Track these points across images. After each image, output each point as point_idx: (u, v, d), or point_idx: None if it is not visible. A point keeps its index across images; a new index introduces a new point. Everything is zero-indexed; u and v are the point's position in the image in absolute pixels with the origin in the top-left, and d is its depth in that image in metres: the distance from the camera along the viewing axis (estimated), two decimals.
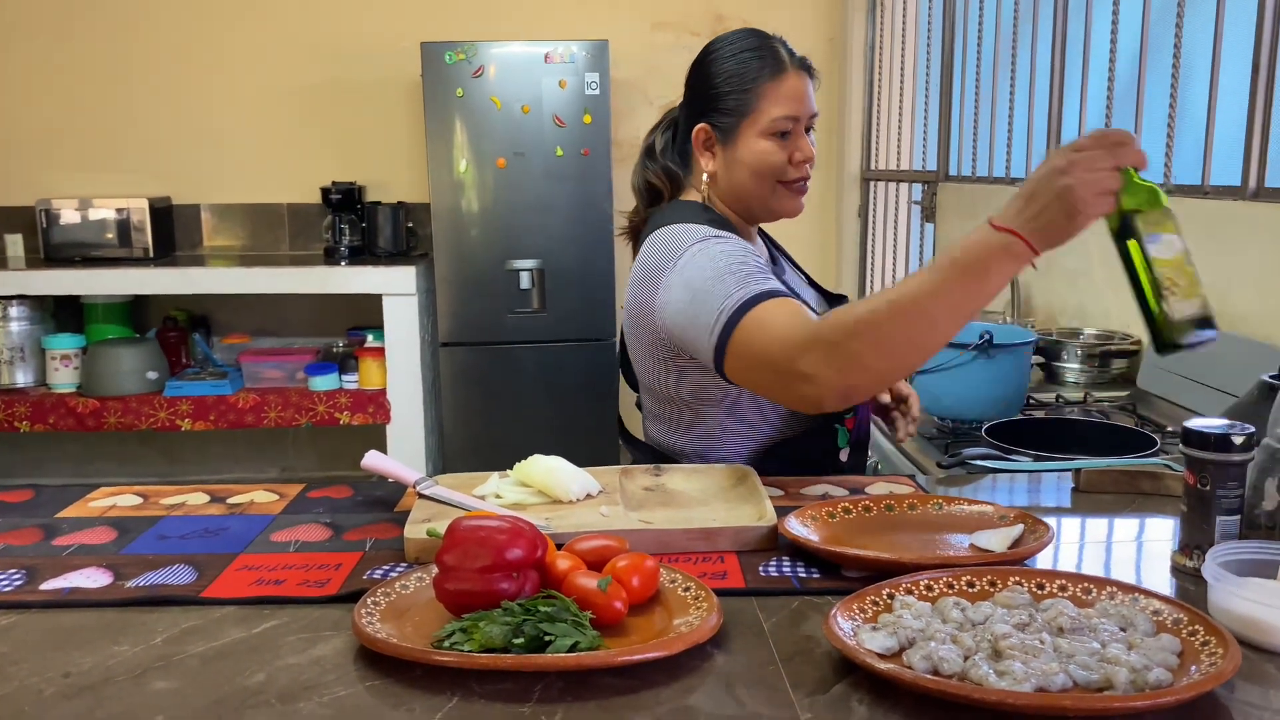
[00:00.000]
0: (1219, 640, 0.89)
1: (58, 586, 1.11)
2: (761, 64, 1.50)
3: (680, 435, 1.59)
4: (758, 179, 1.53)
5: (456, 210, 4.02)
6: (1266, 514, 1.14)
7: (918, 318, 1.16)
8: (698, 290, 1.39)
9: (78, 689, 0.90)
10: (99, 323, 4.19)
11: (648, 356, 1.55)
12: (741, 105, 1.51)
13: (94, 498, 1.43)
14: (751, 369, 1.32)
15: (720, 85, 1.52)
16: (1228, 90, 2.20)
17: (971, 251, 1.14)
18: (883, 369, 1.22)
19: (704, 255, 1.42)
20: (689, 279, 1.41)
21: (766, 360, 1.29)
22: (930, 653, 0.88)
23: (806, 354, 1.22)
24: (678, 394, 1.55)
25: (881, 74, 4.30)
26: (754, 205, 1.56)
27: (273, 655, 0.96)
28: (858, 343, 1.19)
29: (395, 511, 1.36)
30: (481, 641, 0.92)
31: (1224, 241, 2.11)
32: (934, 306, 1.16)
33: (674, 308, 1.43)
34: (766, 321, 1.30)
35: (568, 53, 3.94)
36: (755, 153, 1.51)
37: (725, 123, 1.52)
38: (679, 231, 1.48)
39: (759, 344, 1.29)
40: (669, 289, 1.44)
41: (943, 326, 1.17)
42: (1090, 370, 2.40)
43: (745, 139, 1.52)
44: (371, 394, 4.06)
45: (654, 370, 1.56)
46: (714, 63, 1.53)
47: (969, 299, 1.15)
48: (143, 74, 4.36)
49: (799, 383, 1.24)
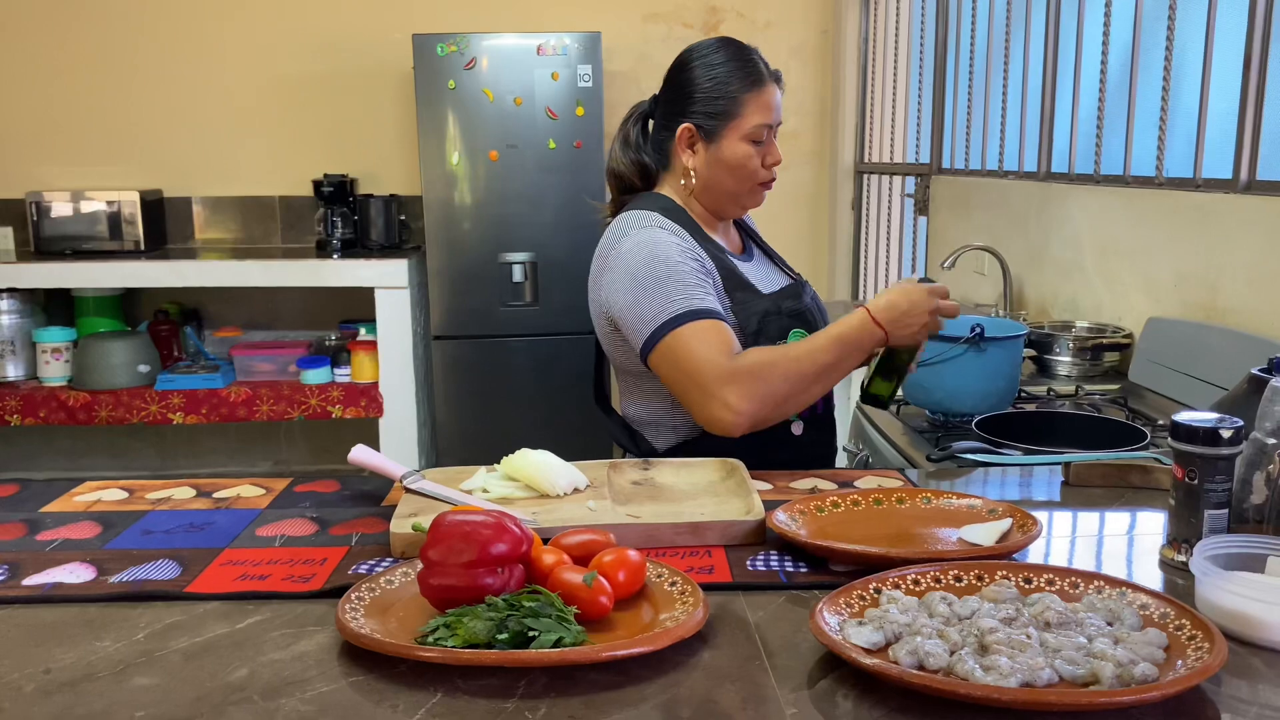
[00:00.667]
0: (1205, 635, 0.89)
1: (40, 582, 1.10)
2: (745, 74, 1.62)
3: (639, 405, 1.69)
4: (736, 178, 1.64)
5: (449, 203, 4.00)
6: (1255, 508, 1.14)
7: (814, 371, 1.48)
8: (640, 282, 1.54)
9: (58, 685, 0.89)
10: (90, 316, 4.17)
11: (600, 329, 1.67)
12: (727, 109, 1.61)
13: (79, 492, 1.42)
14: (674, 376, 1.51)
15: (709, 89, 1.62)
16: (1219, 83, 2.20)
17: (853, 333, 1.50)
18: (786, 409, 1.50)
19: (648, 249, 1.55)
20: (633, 268, 1.55)
21: (692, 375, 1.47)
22: (916, 648, 0.88)
23: (731, 385, 1.44)
24: (627, 365, 1.65)
25: (875, 66, 4.29)
26: (725, 200, 1.68)
27: (256, 651, 0.95)
28: (775, 383, 1.46)
29: (382, 506, 1.35)
30: (465, 637, 0.91)
31: (1215, 234, 2.11)
32: (827, 364, 1.49)
33: (616, 291, 1.57)
34: (701, 338, 1.48)
35: (560, 45, 3.92)
36: (737, 155, 1.63)
37: (710, 124, 1.62)
38: (631, 218, 1.61)
39: (687, 357, 1.48)
40: (612, 270, 1.58)
41: (825, 381, 1.51)
42: (1082, 363, 2.40)
43: (728, 141, 1.62)
44: (364, 387, 4.05)
45: (606, 343, 1.68)
46: (700, 67, 1.63)
47: (844, 366, 1.52)
48: (134, 66, 4.34)
49: (719, 408, 1.45)
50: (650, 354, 1.52)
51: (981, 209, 3.31)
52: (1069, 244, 2.70)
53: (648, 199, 1.67)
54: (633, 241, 1.57)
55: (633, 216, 1.62)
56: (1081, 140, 2.79)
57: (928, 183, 3.80)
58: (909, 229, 4.09)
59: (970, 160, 3.50)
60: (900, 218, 4.16)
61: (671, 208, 1.64)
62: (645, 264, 1.54)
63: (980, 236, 3.17)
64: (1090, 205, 2.60)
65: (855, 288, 4.52)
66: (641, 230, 1.58)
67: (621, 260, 1.57)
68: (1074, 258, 2.67)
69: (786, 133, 4.44)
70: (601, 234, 1.68)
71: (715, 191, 1.66)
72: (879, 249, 4.32)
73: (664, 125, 1.68)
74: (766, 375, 1.45)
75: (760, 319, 1.61)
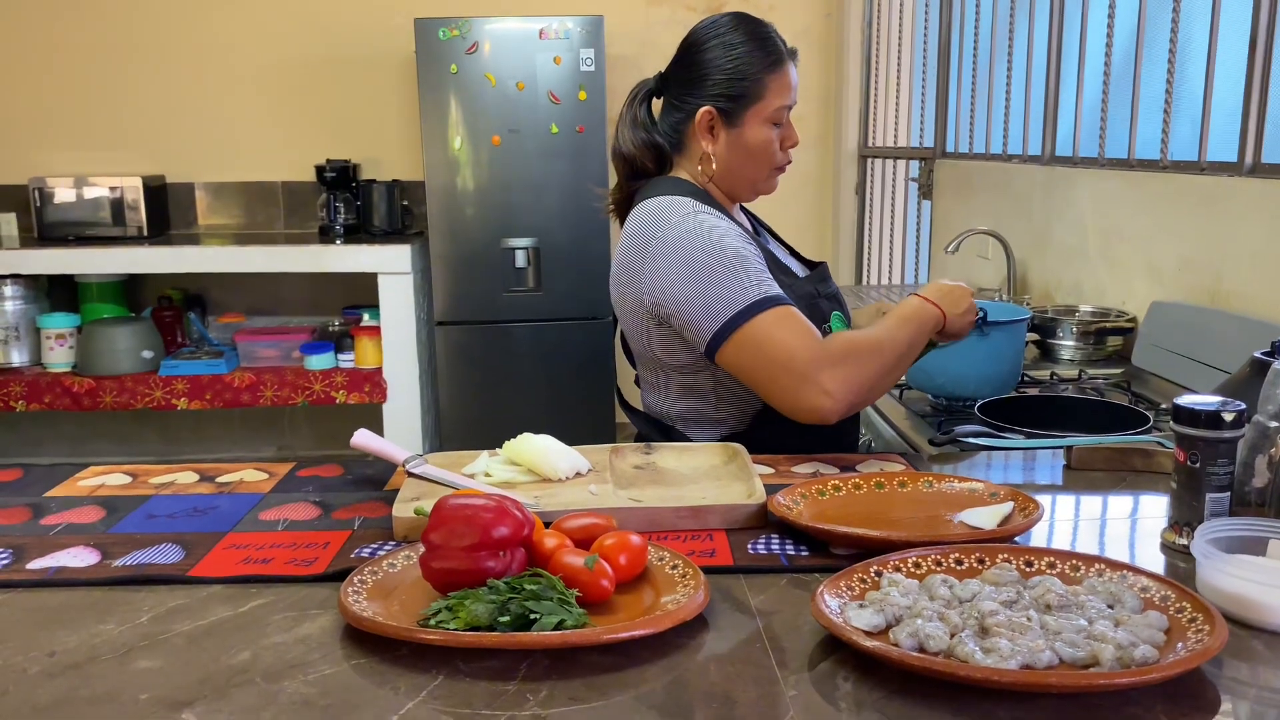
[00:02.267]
0: (1206, 617, 0.89)
1: (44, 566, 1.11)
2: (765, 54, 1.56)
3: (675, 401, 1.62)
4: (757, 163, 1.59)
5: (451, 188, 4.00)
6: (1256, 491, 1.14)
7: (896, 355, 1.46)
8: (701, 272, 1.45)
9: (63, 668, 0.90)
10: (94, 302, 4.18)
11: (635, 323, 1.59)
12: (749, 91, 1.55)
13: (82, 477, 1.42)
14: (758, 364, 1.42)
15: (730, 71, 1.55)
16: (1225, 67, 2.18)
17: (915, 314, 1.50)
18: (874, 394, 1.46)
19: (704, 236, 1.47)
20: (689, 257, 1.46)
21: (783, 363, 1.40)
22: (916, 630, 0.88)
23: (828, 370, 1.39)
24: (666, 360, 1.58)
25: (879, 50, 4.27)
26: (742, 185, 1.63)
27: (259, 634, 0.95)
28: (869, 368, 1.42)
29: (385, 490, 1.36)
30: (467, 620, 0.92)
31: (1220, 218, 2.10)
32: (904, 348, 1.47)
33: (670, 283, 1.47)
34: (785, 325, 1.41)
35: (562, 28, 3.91)
36: (759, 139, 1.57)
37: (731, 107, 1.56)
38: (666, 204, 1.53)
39: (776, 345, 1.40)
40: (658, 258, 1.49)
41: (904, 365, 1.49)
42: (1085, 347, 2.39)
43: (750, 125, 1.57)
44: (367, 373, 4.05)
45: (641, 337, 1.59)
46: (719, 47, 1.56)
47: (914, 348, 1.50)
48: (137, 52, 4.33)
49: (816, 394, 1.39)
50: (724, 345, 1.43)
51: (985, 193, 3.29)
52: (1073, 228, 2.69)
53: (667, 184, 1.59)
54: (681, 230, 1.48)
55: (666, 203, 1.53)
56: (1086, 123, 2.78)
57: (931, 167, 3.78)
58: (913, 213, 4.08)
59: (974, 144, 3.49)
60: (904, 202, 4.14)
61: (697, 193, 1.57)
62: (704, 252, 1.46)
63: (984, 220, 3.16)
64: (1094, 189, 2.59)
65: (859, 272, 4.51)
66: (686, 217, 1.49)
67: (672, 249, 1.48)
68: (1078, 242, 2.67)
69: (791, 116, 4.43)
70: (608, 220, 1.65)
71: (734, 176, 1.60)
72: (883, 233, 4.31)
73: (678, 106, 1.60)
74: (860, 359, 1.41)
75: (808, 303, 1.56)
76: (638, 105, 1.64)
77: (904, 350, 1.47)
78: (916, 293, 1.53)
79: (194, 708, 0.83)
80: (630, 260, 1.54)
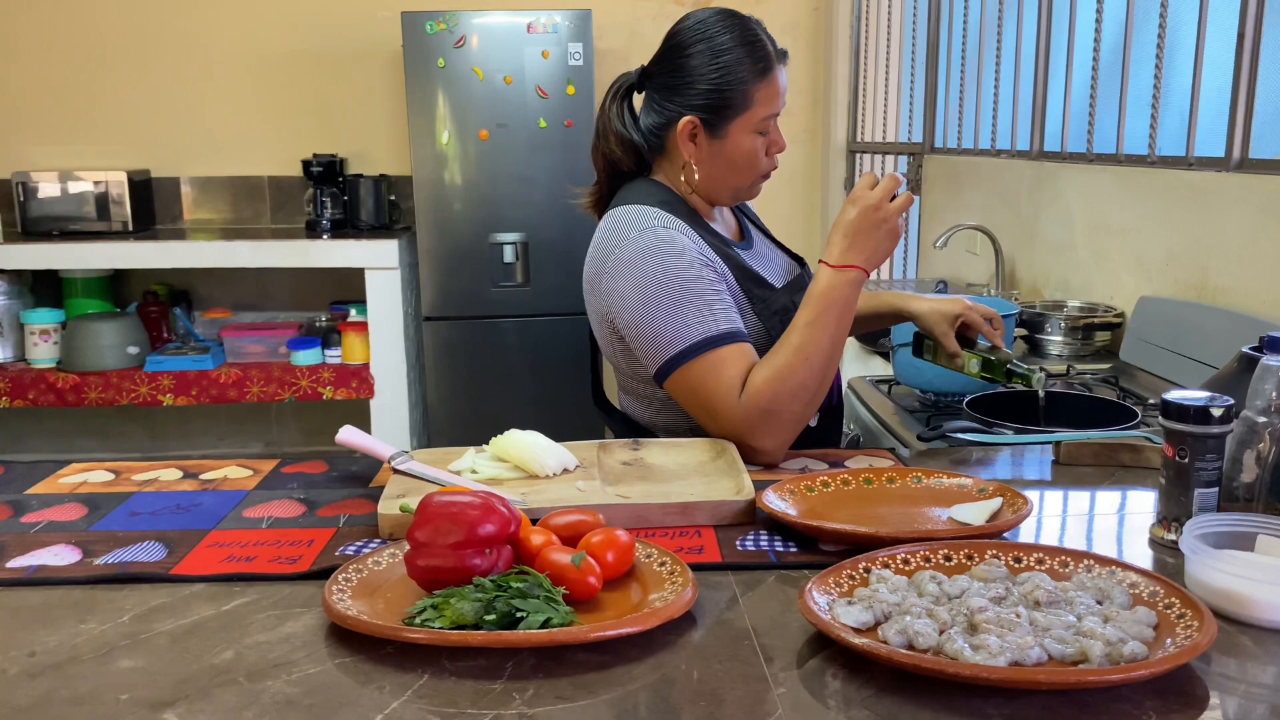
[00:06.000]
0: (1195, 613, 0.89)
1: (25, 564, 1.09)
2: (753, 61, 1.49)
3: (649, 408, 1.62)
4: (740, 173, 1.55)
5: (439, 183, 3.98)
6: (1245, 486, 1.14)
7: (820, 358, 1.40)
8: (651, 300, 1.44)
9: (43, 668, 0.89)
10: (78, 297, 4.15)
11: (600, 331, 1.59)
12: (735, 103, 1.50)
13: (64, 474, 1.41)
14: (694, 407, 1.46)
15: (716, 81, 1.49)
16: (1212, 62, 2.19)
17: (831, 293, 1.40)
18: (808, 414, 1.43)
19: (657, 259, 1.45)
20: (642, 282, 1.45)
21: (713, 415, 1.42)
22: (905, 627, 0.88)
23: (752, 430, 1.39)
24: (636, 371, 1.57)
25: (867, 45, 4.27)
26: (724, 194, 1.59)
27: (242, 633, 0.94)
28: (793, 404, 1.39)
29: (370, 487, 1.35)
30: (453, 618, 0.91)
31: (1207, 213, 2.10)
32: (827, 344, 1.40)
33: (623, 304, 1.48)
34: (717, 374, 1.41)
35: (550, 22, 3.89)
36: (744, 150, 1.53)
37: (714, 119, 1.51)
38: (632, 215, 1.50)
39: (706, 395, 1.42)
40: (616, 277, 1.48)
41: (835, 358, 1.42)
42: (1073, 343, 2.40)
43: (735, 135, 1.52)
44: (355, 369, 4.04)
45: (607, 347, 1.59)
46: (704, 54, 1.49)
47: (843, 329, 1.42)
48: (122, 45, 4.30)
49: (751, 453, 1.40)
50: (666, 380, 1.45)
51: (974, 188, 3.30)
52: (1061, 223, 2.69)
53: (641, 189, 1.55)
54: (637, 247, 1.45)
55: (631, 213, 1.50)
56: (1074, 119, 2.78)
57: (920, 162, 3.78)
58: None
59: (963, 139, 3.49)
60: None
61: (670, 199, 1.53)
62: (656, 279, 1.43)
63: (973, 215, 3.16)
64: (1082, 184, 2.60)
65: None
66: (645, 233, 1.46)
67: (628, 269, 1.46)
68: (1066, 237, 2.67)
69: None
70: (590, 219, 1.63)
71: (716, 185, 1.56)
72: None
73: (659, 110, 1.55)
74: (782, 403, 1.38)
75: (781, 316, 1.53)
76: (619, 100, 1.58)
77: (829, 346, 1.40)
78: (823, 258, 1.41)
79: (176, 708, 0.82)
80: (592, 272, 1.54)
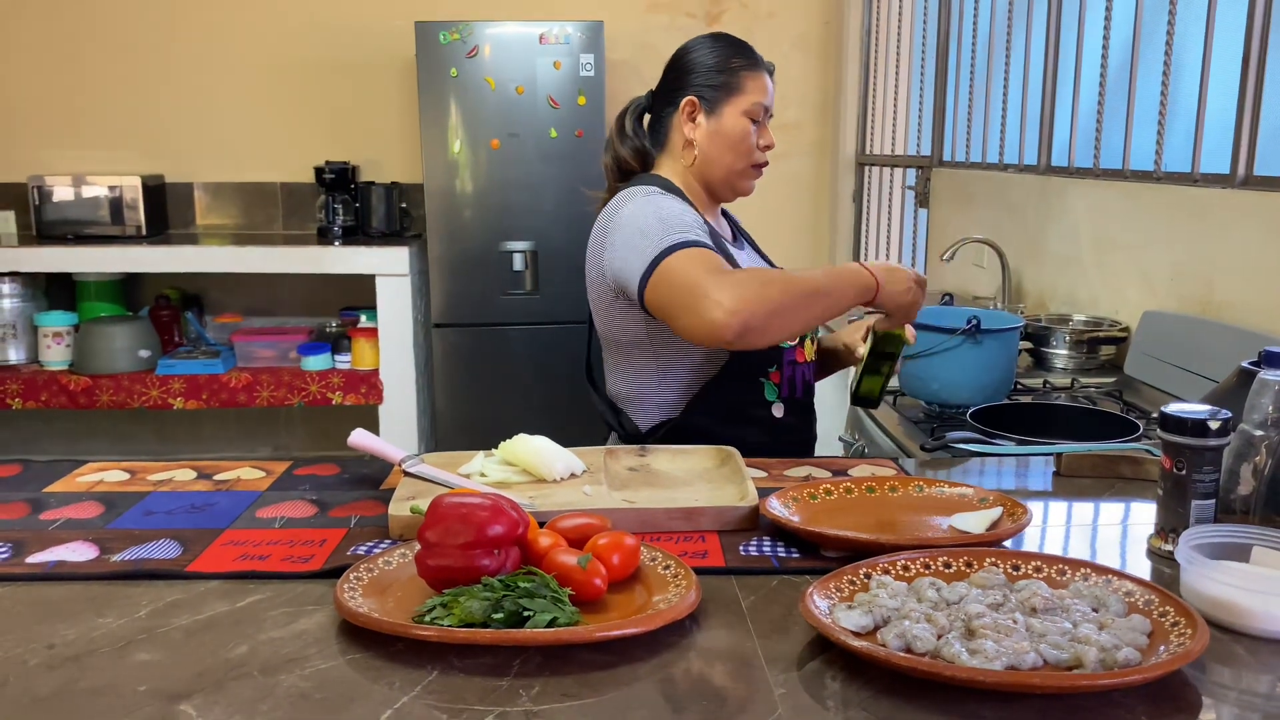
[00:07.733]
0: (1189, 621, 0.90)
1: (43, 560, 1.12)
2: (743, 56, 1.70)
3: (625, 379, 1.71)
4: (734, 153, 1.69)
5: (450, 191, 4.01)
6: (1241, 498, 1.15)
7: (806, 289, 1.47)
8: (635, 231, 1.57)
9: (62, 660, 0.91)
10: (91, 300, 4.18)
11: (598, 298, 1.69)
12: (728, 83, 1.68)
13: (81, 473, 1.43)
14: (670, 297, 1.49)
15: (712, 64, 1.69)
16: (1218, 79, 2.20)
17: (850, 271, 1.53)
18: (777, 321, 1.45)
19: (649, 205, 1.59)
20: (637, 223, 1.58)
21: (686, 285, 1.46)
22: (904, 631, 0.90)
23: (724, 286, 1.42)
24: (621, 335, 1.68)
25: (877, 58, 4.29)
26: (719, 178, 1.71)
27: (255, 629, 0.97)
28: (768, 287, 1.44)
29: (381, 489, 1.37)
30: (461, 616, 0.93)
31: (1212, 228, 2.12)
32: (819, 286, 1.49)
33: (620, 248, 1.59)
34: (694, 259, 1.48)
35: (563, 33, 3.93)
36: (737, 129, 1.68)
37: (712, 96, 1.68)
38: (630, 190, 1.67)
39: (680, 273, 1.48)
40: (615, 233, 1.61)
41: (816, 305, 1.48)
42: (1078, 356, 2.41)
43: (729, 114, 1.68)
44: (364, 374, 4.06)
45: (603, 314, 1.70)
46: (701, 50, 1.71)
47: (834, 300, 1.50)
48: (137, 51, 4.34)
49: (711, 307, 1.41)
50: (647, 288, 1.51)
51: (981, 202, 3.31)
52: (1067, 237, 2.71)
53: (645, 179, 1.71)
54: (635, 205, 1.60)
55: (632, 188, 1.66)
56: (1081, 134, 2.80)
57: (928, 175, 3.80)
58: (909, 221, 4.10)
59: (971, 153, 3.50)
60: (901, 210, 4.16)
61: (671, 187, 1.68)
62: (649, 216, 1.56)
63: (980, 229, 3.18)
64: (1089, 199, 2.61)
65: None
66: (643, 197, 1.61)
67: (624, 221, 1.59)
68: (1072, 251, 2.68)
69: (788, 123, 4.45)
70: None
71: (713, 166, 1.70)
72: (880, 241, 4.33)
73: (664, 105, 1.72)
74: (761, 281, 1.45)
75: None
76: (629, 118, 1.76)
77: (814, 289, 1.47)
78: (864, 264, 1.56)
79: (191, 700, 0.84)
80: (596, 238, 1.67)
